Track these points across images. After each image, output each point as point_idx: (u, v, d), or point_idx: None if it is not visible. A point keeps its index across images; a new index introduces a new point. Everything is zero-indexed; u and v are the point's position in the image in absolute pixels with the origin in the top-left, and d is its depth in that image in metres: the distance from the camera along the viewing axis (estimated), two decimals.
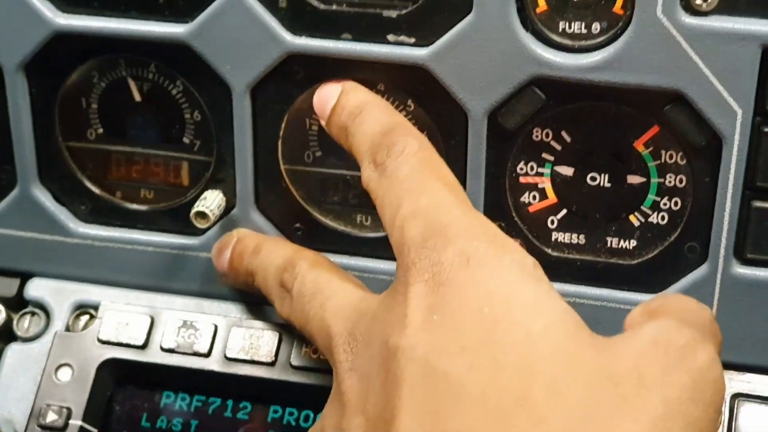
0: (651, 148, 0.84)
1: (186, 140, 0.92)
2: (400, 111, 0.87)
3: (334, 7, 0.85)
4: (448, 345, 0.62)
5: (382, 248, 0.90)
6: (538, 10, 0.82)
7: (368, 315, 0.70)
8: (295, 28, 0.85)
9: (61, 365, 0.90)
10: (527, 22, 0.82)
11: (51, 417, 0.88)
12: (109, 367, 0.89)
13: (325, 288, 0.77)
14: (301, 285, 0.79)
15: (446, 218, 0.68)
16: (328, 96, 0.84)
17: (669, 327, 0.64)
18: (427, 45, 0.83)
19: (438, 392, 0.61)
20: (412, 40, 0.84)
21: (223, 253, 0.89)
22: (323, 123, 0.84)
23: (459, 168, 0.86)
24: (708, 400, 0.62)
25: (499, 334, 0.62)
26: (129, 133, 0.93)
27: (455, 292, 0.64)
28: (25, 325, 0.95)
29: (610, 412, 0.59)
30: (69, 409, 0.88)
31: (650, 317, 0.67)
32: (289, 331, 0.87)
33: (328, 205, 0.92)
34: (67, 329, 0.93)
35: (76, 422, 0.88)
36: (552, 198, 0.88)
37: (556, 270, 0.89)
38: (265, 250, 0.86)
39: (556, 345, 0.62)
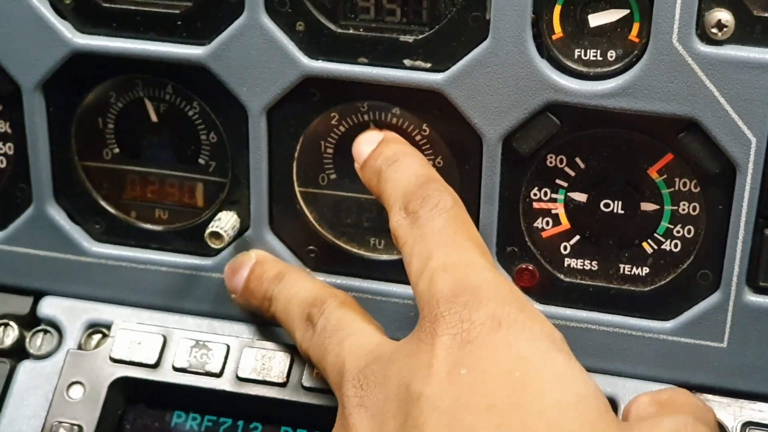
0: (665, 176, 0.85)
1: (201, 161, 0.93)
2: (415, 135, 0.88)
3: (351, 31, 0.85)
4: (475, 401, 0.64)
5: (395, 271, 0.91)
6: (554, 37, 0.82)
7: (384, 357, 0.72)
8: (312, 52, 0.86)
9: (72, 383, 0.90)
10: (543, 49, 0.82)
11: None
12: (120, 385, 0.90)
13: (347, 326, 0.78)
14: (327, 321, 0.80)
15: (478, 279, 0.70)
16: (368, 141, 0.85)
17: (687, 423, 0.68)
18: (443, 70, 0.84)
19: None
20: (428, 65, 0.84)
21: (239, 273, 0.89)
22: (357, 166, 0.85)
23: (473, 192, 0.87)
24: None
25: (530, 398, 0.63)
26: (144, 154, 0.94)
27: (485, 351, 0.66)
28: (37, 343, 0.95)
29: None
30: (80, 427, 0.88)
31: (660, 408, 0.71)
32: None
33: (342, 227, 0.92)
34: (80, 347, 0.93)
35: None
36: (565, 224, 0.88)
37: (568, 296, 0.89)
38: (289, 279, 0.87)
39: (586, 419, 0.63)
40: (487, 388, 0.64)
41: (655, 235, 0.86)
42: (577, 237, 0.88)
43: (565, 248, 0.89)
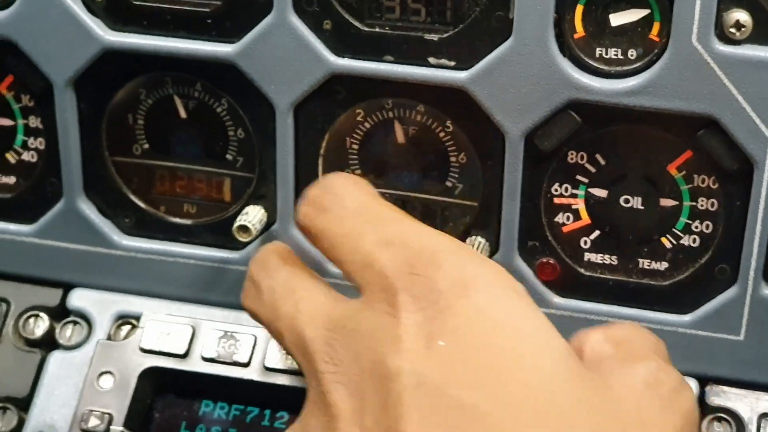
0: (684, 172, 0.86)
1: (229, 157, 0.94)
2: (439, 132, 0.90)
3: (378, 29, 0.87)
4: (461, 373, 0.62)
5: None
6: (575, 36, 0.84)
7: (347, 328, 0.67)
8: (339, 50, 0.88)
9: (102, 373, 0.92)
10: (565, 48, 0.84)
11: (93, 422, 0.90)
12: (150, 375, 0.92)
13: (297, 288, 0.73)
14: (272, 280, 0.75)
15: (430, 243, 0.67)
16: None
17: (658, 369, 0.68)
18: (467, 68, 0.86)
19: (453, 419, 0.61)
20: (453, 63, 0.86)
21: None
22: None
23: (495, 189, 0.89)
24: None
25: (512, 367, 0.62)
26: (174, 149, 0.96)
27: (459, 320, 0.63)
28: (67, 333, 0.97)
29: None
30: (111, 415, 0.90)
31: (618, 348, 0.70)
32: None
33: None
34: (109, 338, 0.95)
35: (116, 428, 0.90)
36: (585, 219, 0.90)
37: (588, 289, 0.91)
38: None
39: (566, 383, 0.63)
40: (469, 358, 0.62)
41: (674, 230, 0.88)
42: (597, 232, 0.90)
43: (586, 243, 0.90)
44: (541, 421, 0.61)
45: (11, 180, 0.99)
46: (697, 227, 0.88)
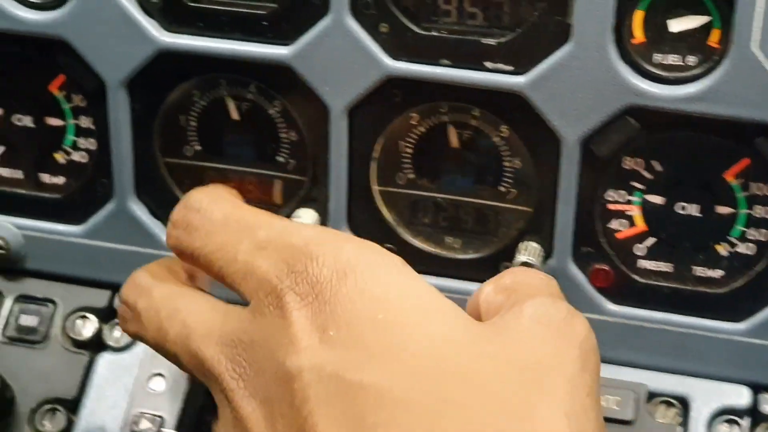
0: (741, 180, 0.86)
1: (281, 159, 0.94)
2: (494, 136, 0.89)
3: (434, 33, 0.87)
4: (355, 356, 0.62)
5: (472, 270, 0.93)
6: (634, 42, 0.84)
7: (244, 340, 0.67)
8: (395, 53, 0.87)
9: (153, 375, 0.92)
10: (624, 53, 0.84)
11: (144, 425, 0.90)
12: None
13: (180, 305, 0.71)
14: (149, 300, 0.73)
15: (301, 238, 0.67)
16: None
17: (545, 303, 0.67)
18: (524, 72, 0.85)
19: (357, 403, 0.61)
20: (510, 67, 0.86)
21: None
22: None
23: (549, 194, 0.88)
24: (593, 365, 0.66)
25: (402, 338, 0.62)
26: (225, 151, 0.95)
27: (344, 306, 0.63)
28: (116, 335, 0.97)
29: (525, 397, 0.62)
30: (162, 418, 0.90)
31: (509, 294, 0.70)
32: None
33: (419, 226, 0.94)
34: None
35: (168, 431, 0.89)
36: (641, 226, 0.89)
37: (643, 297, 0.90)
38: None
39: (458, 342, 0.63)
40: (359, 340, 0.62)
41: (730, 237, 0.88)
42: (653, 239, 0.89)
43: (640, 250, 0.90)
44: (439, 382, 0.61)
45: (60, 180, 0.99)
46: (753, 235, 0.87)
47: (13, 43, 0.94)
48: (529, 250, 0.89)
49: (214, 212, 0.72)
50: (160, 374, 0.92)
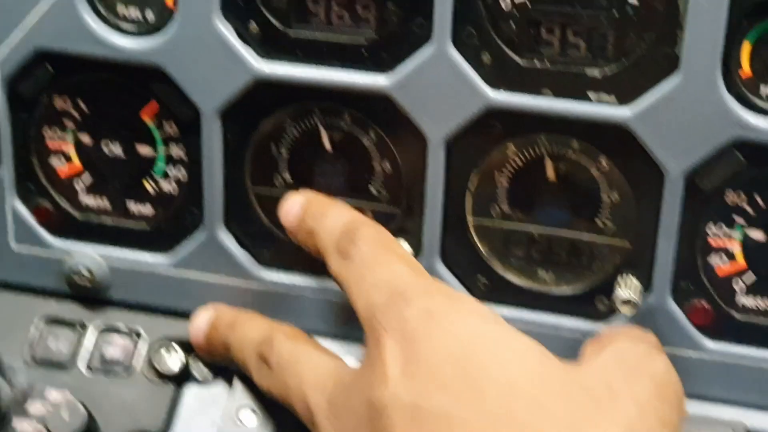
0: None
1: (372, 190, 0.93)
2: (593, 169, 0.88)
3: (537, 64, 0.86)
4: (429, 386, 0.68)
5: (564, 304, 0.92)
6: (742, 75, 0.83)
7: (345, 382, 0.76)
8: (496, 83, 0.87)
9: (242, 407, 0.90)
10: (731, 86, 0.83)
11: None
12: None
13: (302, 358, 0.81)
14: (279, 356, 0.83)
15: (403, 283, 0.76)
16: (291, 205, 0.89)
17: (625, 344, 0.76)
18: (628, 104, 0.84)
19: (433, 429, 0.67)
20: (614, 99, 0.85)
21: (199, 328, 0.93)
22: (288, 232, 0.90)
23: (650, 227, 0.87)
24: (672, 400, 0.72)
25: (475, 368, 0.69)
26: (316, 181, 0.95)
27: (425, 342, 0.70)
28: (201, 366, 0.95)
29: (589, 418, 0.67)
30: None
31: (598, 342, 0.77)
32: None
33: (512, 259, 0.93)
34: None
35: None
36: (741, 262, 0.88)
37: (742, 333, 0.89)
38: (239, 323, 0.90)
39: (530, 368, 0.69)
40: (435, 371, 0.69)
41: None
42: (753, 275, 0.88)
43: (740, 286, 0.89)
44: (505, 403, 0.67)
45: (148, 209, 0.98)
46: None
47: (106, 70, 0.93)
48: (628, 285, 0.88)
49: (362, 248, 0.81)
50: (249, 407, 0.90)
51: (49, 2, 0.91)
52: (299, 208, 0.89)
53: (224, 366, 0.94)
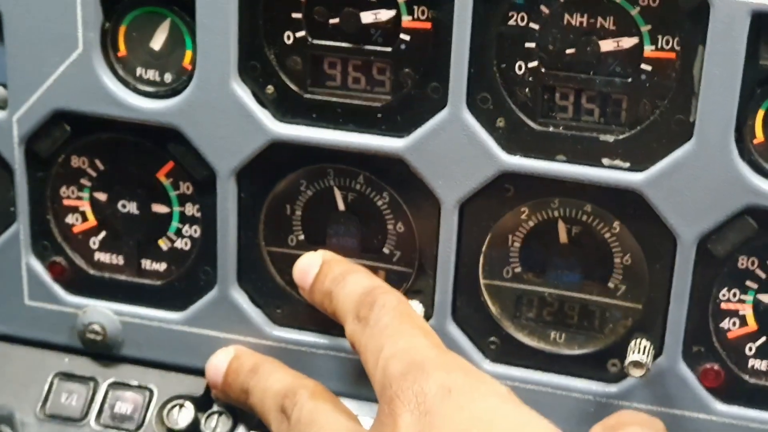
0: None
1: (386, 250, 0.94)
2: (605, 232, 0.89)
3: (551, 129, 0.87)
4: None
5: (577, 365, 0.92)
6: (755, 141, 0.84)
7: None
8: (511, 148, 0.87)
9: None
10: (744, 153, 0.84)
11: None
12: None
13: (319, 419, 0.82)
14: (300, 413, 0.83)
15: (422, 356, 0.76)
16: (309, 265, 0.90)
17: (639, 431, 0.79)
18: (642, 170, 0.85)
19: None
20: (627, 165, 0.86)
21: (217, 368, 0.93)
22: (304, 292, 0.90)
23: (662, 291, 0.88)
24: None
25: None
26: (329, 241, 0.95)
27: (442, 418, 0.71)
28: (212, 424, 0.96)
29: None
30: None
31: (611, 430, 0.79)
32: None
33: (523, 320, 0.93)
34: (256, 430, 0.93)
35: None
36: (752, 325, 0.89)
37: (753, 397, 0.90)
38: (263, 371, 0.90)
39: None
40: None
41: None
42: (764, 338, 0.89)
43: (751, 349, 0.89)
44: None
45: (162, 267, 0.99)
46: None
47: (123, 130, 0.94)
48: (640, 349, 0.88)
49: (383, 317, 0.82)
50: None
51: (68, 63, 0.91)
52: (316, 269, 0.89)
53: (235, 424, 0.94)
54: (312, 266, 0.89)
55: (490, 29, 0.85)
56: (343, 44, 0.89)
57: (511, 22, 0.85)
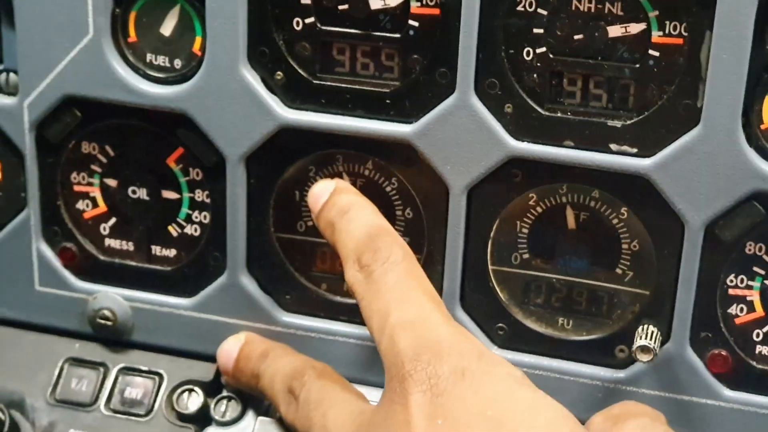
0: None
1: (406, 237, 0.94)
2: (612, 218, 0.89)
3: (559, 114, 0.87)
4: None
5: (584, 351, 0.92)
6: (762, 127, 0.84)
7: (366, 424, 0.75)
8: (518, 133, 0.88)
9: None
10: (751, 138, 0.84)
11: None
12: None
13: (327, 397, 0.81)
14: (308, 393, 0.83)
15: (436, 334, 0.74)
16: (321, 191, 0.88)
17: (646, 421, 0.78)
18: (650, 155, 0.85)
19: None
20: (635, 150, 0.86)
21: (229, 353, 0.93)
22: (314, 216, 0.88)
23: (670, 277, 0.88)
24: None
25: (505, 431, 0.68)
26: None
27: (455, 401, 0.70)
28: (222, 409, 0.96)
29: None
30: None
31: (616, 420, 0.78)
32: None
33: (531, 306, 0.94)
34: (266, 415, 0.94)
35: None
36: (759, 311, 0.89)
37: (760, 382, 0.90)
38: (273, 355, 0.91)
39: None
40: (464, 430, 0.69)
41: None
42: None
43: (758, 335, 0.89)
44: None
45: (172, 253, 0.99)
46: None
47: (133, 116, 0.94)
48: (648, 335, 0.88)
49: (389, 273, 0.79)
50: None
51: (78, 48, 0.92)
52: (326, 196, 0.87)
53: (245, 410, 0.94)
54: (324, 192, 0.87)
55: (498, 15, 0.85)
56: (352, 30, 0.89)
57: (519, 8, 0.85)
